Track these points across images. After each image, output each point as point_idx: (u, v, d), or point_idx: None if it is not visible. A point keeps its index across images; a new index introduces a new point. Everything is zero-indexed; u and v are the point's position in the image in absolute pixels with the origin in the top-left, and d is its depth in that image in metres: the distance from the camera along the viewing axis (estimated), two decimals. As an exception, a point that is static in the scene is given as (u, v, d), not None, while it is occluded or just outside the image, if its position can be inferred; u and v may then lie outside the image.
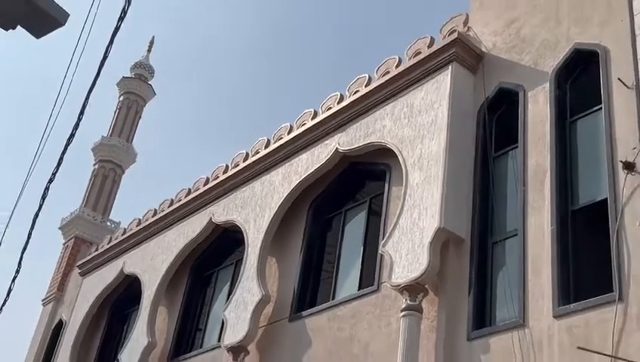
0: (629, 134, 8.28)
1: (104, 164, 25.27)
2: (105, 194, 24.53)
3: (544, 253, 8.54)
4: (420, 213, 9.73)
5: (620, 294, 7.47)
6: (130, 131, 26.77)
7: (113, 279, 17.21)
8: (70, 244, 21.87)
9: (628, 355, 7.08)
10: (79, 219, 22.56)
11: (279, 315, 12.04)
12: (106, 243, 18.74)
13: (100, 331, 17.64)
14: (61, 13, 5.34)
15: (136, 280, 16.25)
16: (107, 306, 17.74)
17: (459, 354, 8.82)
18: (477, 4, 11.49)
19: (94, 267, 18.47)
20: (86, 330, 17.53)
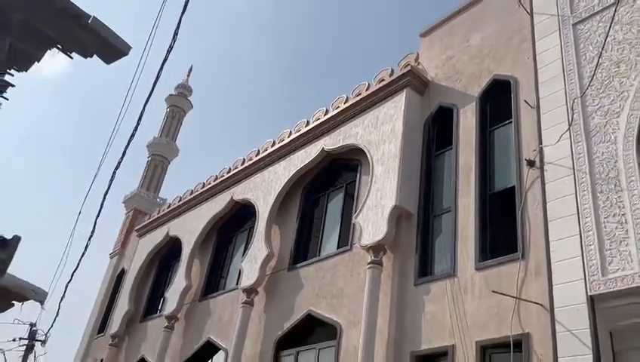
0: (532, 140, 8.26)
1: (155, 156, 24.99)
2: (155, 179, 24.28)
3: (469, 224, 8.50)
4: (382, 195, 9.69)
5: (523, 254, 7.48)
6: (175, 133, 26.48)
7: (161, 240, 17.05)
8: (130, 215, 21.63)
9: (527, 297, 7.11)
10: (137, 196, 22.31)
11: (280, 267, 11.96)
12: (156, 213, 18.56)
13: (151, 277, 17.51)
14: (125, 46, 5.29)
15: (177, 241, 16.11)
16: (157, 259, 17.59)
17: (408, 294, 8.79)
18: (425, 46, 11.42)
19: (147, 231, 18.31)
20: (141, 277, 17.44)
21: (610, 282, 6.28)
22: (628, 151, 6.96)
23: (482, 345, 7.32)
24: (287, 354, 10.64)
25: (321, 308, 10.23)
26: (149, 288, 17.33)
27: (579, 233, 6.84)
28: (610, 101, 7.49)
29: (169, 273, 17.03)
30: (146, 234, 18.30)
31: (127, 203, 22.47)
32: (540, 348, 6.66)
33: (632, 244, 6.31)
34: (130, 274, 17.88)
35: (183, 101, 27.45)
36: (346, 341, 9.33)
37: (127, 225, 21.21)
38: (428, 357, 8.02)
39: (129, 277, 17.78)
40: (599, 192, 6.94)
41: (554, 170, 7.56)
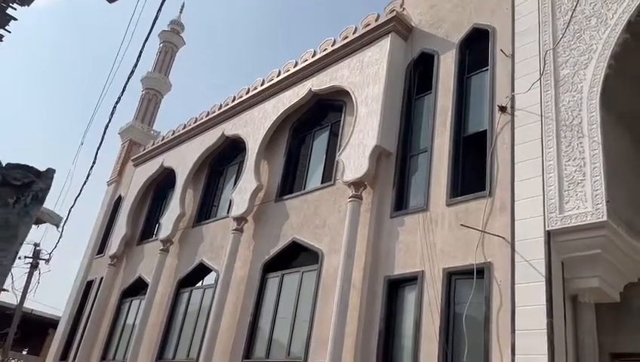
0: (505, 87, 8.32)
1: (149, 90, 24.52)
2: (149, 112, 23.95)
3: (443, 164, 8.68)
4: (364, 135, 9.78)
5: (490, 192, 7.70)
6: (167, 68, 25.87)
7: (156, 170, 17.02)
8: (126, 145, 21.45)
9: (491, 230, 7.39)
10: (132, 128, 22.06)
11: (268, 198, 12.14)
12: (150, 145, 18.48)
13: (147, 204, 17.62)
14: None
15: (171, 172, 16.12)
16: (152, 188, 17.65)
17: (384, 226, 9.06)
18: (410, -8, 11.22)
19: (143, 161, 18.27)
20: (137, 204, 17.56)
21: (566, 219, 6.58)
22: (592, 100, 7.10)
23: (449, 271, 7.68)
24: (273, 277, 11.01)
25: (305, 236, 10.52)
26: (145, 214, 17.49)
27: (542, 174, 7.07)
28: (580, 53, 7.55)
29: (164, 201, 17.16)
30: (142, 164, 18.27)
31: (122, 134, 22.25)
32: (500, 275, 7.02)
33: (588, 186, 6.56)
34: (127, 201, 17.99)
35: (176, 37, 26.68)
36: (327, 265, 9.68)
37: (123, 155, 21.10)
38: (400, 281, 8.40)
39: (126, 204, 17.90)
40: (563, 138, 7.13)
41: (523, 116, 7.70)
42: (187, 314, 13.10)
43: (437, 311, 7.57)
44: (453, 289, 7.59)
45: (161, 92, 25.01)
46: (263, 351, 10.30)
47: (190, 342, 12.33)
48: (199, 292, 13.07)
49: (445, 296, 7.56)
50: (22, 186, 1.58)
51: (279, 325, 10.31)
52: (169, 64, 26.08)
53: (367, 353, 8.21)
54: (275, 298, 10.69)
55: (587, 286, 6.54)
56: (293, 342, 9.73)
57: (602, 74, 7.19)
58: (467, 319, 7.09)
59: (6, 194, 1.55)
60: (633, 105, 7.84)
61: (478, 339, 6.89)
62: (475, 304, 7.12)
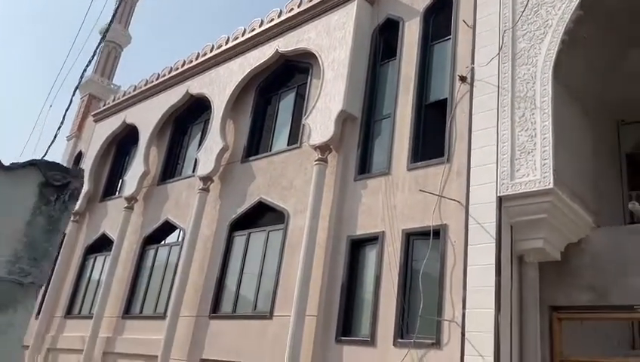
0: (466, 57, 8.65)
1: (108, 42, 23.82)
2: (109, 65, 23.38)
3: (405, 129, 9.05)
4: (330, 99, 10.01)
5: (448, 158, 8.12)
6: (127, 20, 25.14)
7: (118, 126, 16.75)
8: (85, 99, 20.98)
9: (447, 194, 7.84)
10: (91, 82, 21.54)
11: (234, 158, 12.30)
12: (111, 100, 18.15)
13: (109, 161, 17.43)
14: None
15: (134, 128, 15.91)
16: (114, 144, 17.43)
17: (348, 188, 9.42)
18: (377, -44, 11.25)
19: (104, 117, 17.94)
20: (99, 160, 17.37)
21: (517, 185, 7.11)
22: (545, 74, 7.54)
23: (407, 232, 8.18)
24: (239, 235, 11.34)
25: (272, 197, 10.83)
26: (107, 170, 17.34)
27: (496, 143, 7.54)
28: (536, 27, 7.93)
29: (127, 157, 17.03)
30: (103, 120, 17.96)
31: (81, 88, 21.63)
32: (454, 236, 7.56)
33: (538, 155, 7.08)
34: (88, 157, 17.75)
35: (135, -13, 25.79)
36: (292, 225, 10.06)
37: (82, 110, 20.63)
38: (362, 240, 8.88)
39: (87, 160, 17.66)
40: (517, 109, 7.58)
41: (482, 86, 8.10)
42: (153, 270, 13.36)
43: (396, 269, 8.11)
44: (411, 248, 8.11)
45: (120, 45, 24.34)
46: (229, 306, 10.74)
47: (157, 297, 12.65)
48: (165, 250, 13.31)
49: (404, 254, 8.09)
50: (61, 186, 1.82)
51: (246, 281, 10.73)
52: (128, 15, 25.28)
53: (330, 307, 8.73)
54: (241, 255, 11.05)
55: (532, 247, 7.15)
56: (260, 298, 10.19)
57: (556, 49, 7.61)
58: (423, 276, 7.65)
59: (49, 193, 1.80)
60: (583, 79, 8.34)
61: (433, 294, 7.47)
62: (430, 262, 7.67)
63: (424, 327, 7.40)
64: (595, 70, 8.53)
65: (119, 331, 13.00)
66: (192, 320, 11.12)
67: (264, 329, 9.54)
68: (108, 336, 13.05)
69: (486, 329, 6.68)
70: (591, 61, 8.37)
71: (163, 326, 11.22)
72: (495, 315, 6.67)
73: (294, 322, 8.62)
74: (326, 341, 8.57)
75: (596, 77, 8.68)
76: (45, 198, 1.77)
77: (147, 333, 11.94)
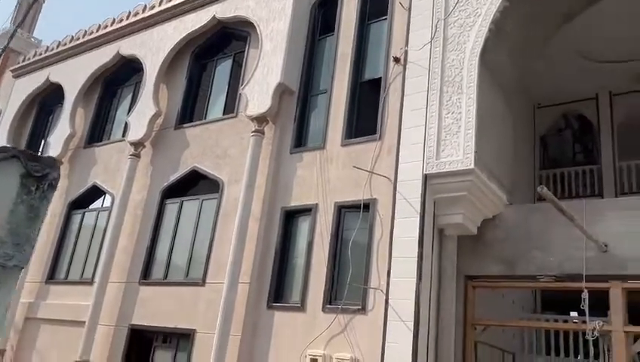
0: (401, 39, 9.01)
1: (26, -9, 22.25)
2: (29, 17, 21.85)
3: (340, 106, 9.34)
4: (269, 71, 10.10)
5: (380, 136, 8.55)
6: (48, -32, 23.46)
7: (41, 84, 15.84)
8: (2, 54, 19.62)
9: (378, 170, 8.28)
10: (8, 33, 20.10)
11: (167, 124, 12.14)
12: (32, 55, 17.12)
13: (31, 119, 16.55)
14: None
15: (59, 87, 15.18)
16: (36, 103, 16.51)
17: (283, 160, 9.68)
18: None
19: (25, 73, 16.88)
20: (19, 119, 16.44)
21: (441, 165, 7.66)
22: (472, 61, 8.05)
23: (340, 205, 8.61)
24: (172, 203, 11.34)
25: (206, 165, 10.88)
26: (29, 130, 16.47)
27: (424, 124, 8.03)
28: (467, 15, 8.40)
29: (50, 117, 16.27)
30: (23, 76, 16.93)
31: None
32: (382, 210, 8.06)
33: (462, 137, 7.64)
34: (6, 115, 16.72)
35: None
36: (227, 194, 10.22)
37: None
38: (295, 211, 9.22)
39: (6, 118, 16.64)
40: (445, 92, 8.08)
41: (414, 68, 8.51)
42: (80, 235, 13.08)
43: (327, 239, 8.54)
44: (343, 220, 8.56)
45: (41, -5, 22.74)
46: (161, 273, 10.81)
47: (84, 262, 12.45)
48: (93, 215, 13.04)
49: (335, 226, 8.53)
50: (41, 177, 1.94)
51: (178, 249, 10.81)
52: (50, -37, 23.58)
53: (262, 274, 9.08)
54: (174, 223, 11.09)
55: (452, 221, 7.79)
56: (192, 265, 10.34)
57: (483, 37, 8.13)
58: (353, 247, 8.13)
59: (30, 183, 1.92)
60: (507, 67, 8.96)
61: (361, 264, 7.99)
62: (360, 234, 8.16)
63: (352, 294, 7.92)
64: (517, 58, 9.17)
65: (43, 296, 12.72)
66: (121, 286, 11.11)
67: (197, 296, 9.75)
68: (30, 301, 12.73)
69: (408, 297, 7.27)
70: (514, 49, 8.99)
71: (91, 292, 11.15)
72: (416, 283, 7.27)
73: (227, 288, 8.90)
74: (258, 307, 8.93)
75: (518, 64, 9.34)
76: (26, 188, 1.90)
77: (74, 299, 11.79)
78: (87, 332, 10.65)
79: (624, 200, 8.50)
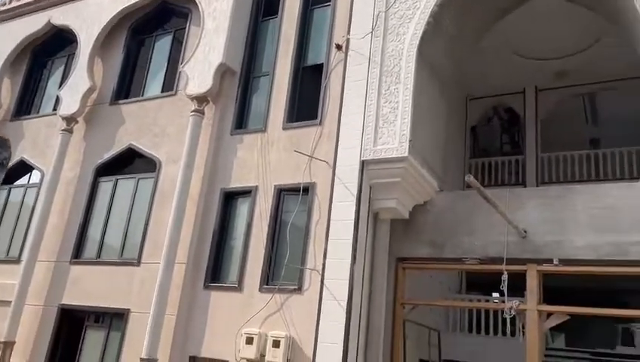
0: (343, 26, 9.16)
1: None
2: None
3: (283, 89, 9.43)
4: (210, 50, 10.00)
5: (321, 121, 8.73)
6: None
7: (-40, 51, 14.96)
8: None
9: (318, 155, 8.48)
10: None
11: (102, 100, 11.76)
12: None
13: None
14: None
15: (-18, 55, 14.35)
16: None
17: (224, 141, 9.69)
18: None
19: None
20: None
21: (378, 151, 7.98)
22: (410, 52, 8.37)
23: (279, 188, 8.78)
24: (106, 181, 11.08)
25: (143, 144, 10.69)
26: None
27: (363, 111, 8.30)
28: (407, 7, 8.69)
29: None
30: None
31: None
32: (321, 193, 8.30)
33: (398, 126, 7.97)
34: None
35: None
36: (164, 174, 10.12)
37: None
38: (235, 193, 9.30)
39: None
40: (384, 82, 8.37)
41: (355, 56, 8.73)
42: (5, 212, 12.52)
43: (266, 221, 8.71)
44: (282, 203, 8.75)
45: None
46: (93, 252, 10.60)
47: (10, 240, 11.96)
48: (20, 191, 12.50)
49: (274, 208, 8.71)
50: None
51: (112, 228, 10.62)
52: None
53: (200, 255, 9.13)
54: (107, 201, 10.87)
55: (386, 206, 8.14)
56: (127, 245, 10.20)
57: (421, 29, 8.46)
58: (291, 229, 8.34)
59: None
60: (443, 59, 9.35)
61: (299, 245, 8.22)
62: (298, 217, 8.39)
63: (289, 275, 8.15)
64: (453, 51, 9.59)
65: (-37, 276, 12.10)
66: (50, 265, 10.80)
67: (131, 276, 9.67)
68: (-51, 281, 12.09)
69: (342, 277, 7.59)
70: (450, 42, 9.39)
71: (17, 271, 10.77)
72: (351, 265, 7.60)
73: (163, 269, 8.88)
74: (194, 287, 9.00)
75: (453, 57, 9.76)
76: (-22, 168, 1.90)
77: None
78: (14, 312, 10.31)
79: (542, 189, 9.18)
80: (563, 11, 10.27)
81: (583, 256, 7.29)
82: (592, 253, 7.24)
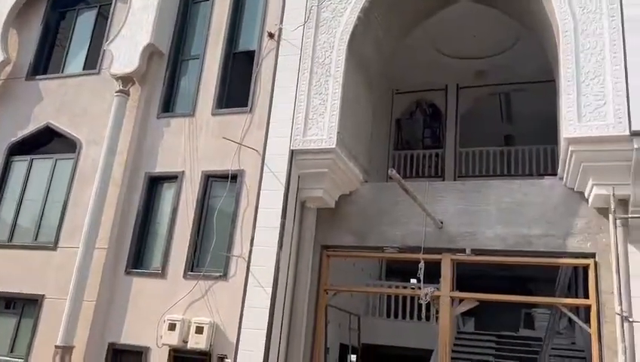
0: (276, 14, 9.12)
1: None
2: None
3: (213, 74, 9.31)
4: (138, 29, 9.68)
5: (251, 109, 8.75)
6: None
7: None
8: None
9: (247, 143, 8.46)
10: None
11: (17, 74, 11.00)
12: None
13: None
14: None
15: None
16: None
17: (150, 125, 9.46)
18: None
19: None
20: None
21: (307, 142, 8.15)
22: (341, 46, 8.57)
23: (207, 174, 8.73)
24: (20, 160, 10.47)
25: (62, 123, 10.19)
26: None
27: (294, 101, 8.42)
28: (339, 1, 8.86)
29: None
30: None
31: None
32: (249, 181, 8.35)
33: (327, 118, 8.18)
34: None
35: None
36: (85, 155, 9.73)
37: None
38: (160, 178, 9.14)
39: None
40: (314, 73, 8.52)
41: (287, 46, 8.80)
42: None
43: (192, 207, 8.65)
44: (209, 189, 8.72)
45: None
46: (5, 234, 10.02)
47: None
48: None
49: (201, 194, 8.67)
50: None
51: (26, 210, 10.09)
52: None
53: (122, 240, 8.91)
54: (21, 182, 10.29)
55: (313, 195, 8.35)
56: (42, 229, 9.75)
57: (352, 24, 8.67)
58: (218, 216, 8.36)
59: None
60: (371, 53, 9.64)
61: (225, 232, 8.26)
62: (226, 203, 8.41)
63: (214, 261, 8.18)
64: (381, 46, 9.90)
65: None
66: (-47, 249, 10.10)
67: (47, 260, 9.28)
68: None
69: (268, 264, 7.74)
70: (379, 37, 9.68)
71: None
72: (277, 252, 7.76)
73: (82, 254, 8.59)
74: (116, 272, 8.80)
75: (382, 51, 10.08)
76: None
77: None
78: None
79: (458, 183, 9.74)
80: (484, 15, 10.87)
81: (492, 247, 7.89)
82: (501, 244, 7.85)
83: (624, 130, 6.58)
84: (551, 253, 7.64)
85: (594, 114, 6.80)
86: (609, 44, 6.98)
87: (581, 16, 7.28)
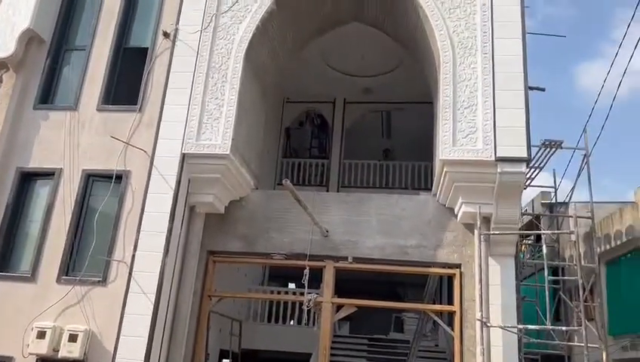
0: (173, 12, 8.87)
1: None
2: None
3: (100, 67, 8.83)
4: (16, 12, 8.91)
5: (141, 108, 8.42)
6: None
7: None
8: None
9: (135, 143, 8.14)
10: None
11: None
12: None
13: None
14: None
15: None
16: None
17: (25, 116, 8.76)
18: None
19: None
20: None
21: (200, 146, 8.04)
22: (239, 53, 8.58)
23: (88, 173, 8.25)
24: None
25: None
26: None
27: (188, 104, 8.26)
28: (239, 8, 8.87)
29: None
30: None
31: None
32: (136, 182, 8.02)
33: (222, 123, 8.15)
34: None
35: None
36: (-57, 144, 8.70)
37: None
38: (34, 173, 8.46)
39: None
40: (211, 78, 8.45)
41: (183, 47, 8.62)
42: None
43: (70, 208, 8.11)
44: (90, 189, 8.24)
45: None
46: None
47: None
48: None
49: (81, 194, 8.16)
50: None
51: None
52: None
53: (-15, 240, 8.10)
54: None
55: (204, 200, 8.26)
56: None
57: (251, 32, 8.74)
58: (99, 217, 7.93)
59: None
60: (267, 62, 9.74)
61: (106, 235, 7.85)
62: (108, 205, 7.99)
63: (93, 266, 7.74)
64: (277, 56, 10.05)
65: None
66: None
67: None
68: None
69: (152, 270, 7.50)
70: (274, 48, 9.82)
71: None
72: (163, 257, 7.55)
73: None
74: (-25, 276, 7.96)
75: (276, 61, 10.24)
76: None
77: None
78: None
79: (343, 194, 10.19)
80: (373, 37, 11.47)
81: (372, 256, 8.38)
82: (379, 253, 8.37)
83: (490, 155, 7.39)
84: (423, 262, 8.31)
85: (466, 139, 7.54)
86: (481, 78, 7.79)
87: (459, 50, 8.04)
